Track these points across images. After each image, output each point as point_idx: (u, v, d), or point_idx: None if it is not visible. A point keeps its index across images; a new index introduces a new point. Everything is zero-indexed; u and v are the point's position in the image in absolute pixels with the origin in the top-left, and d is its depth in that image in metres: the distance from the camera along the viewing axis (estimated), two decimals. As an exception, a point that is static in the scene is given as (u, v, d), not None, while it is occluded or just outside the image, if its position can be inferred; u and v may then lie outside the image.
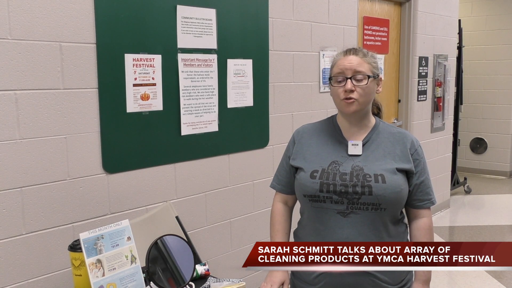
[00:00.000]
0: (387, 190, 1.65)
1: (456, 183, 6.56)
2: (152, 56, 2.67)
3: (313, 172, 1.73)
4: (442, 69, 5.46)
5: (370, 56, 1.75)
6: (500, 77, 7.39)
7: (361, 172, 1.69)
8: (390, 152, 1.73)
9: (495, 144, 7.56)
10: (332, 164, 1.73)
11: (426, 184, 1.77)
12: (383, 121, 1.85)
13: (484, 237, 4.99)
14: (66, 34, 2.34)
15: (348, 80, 1.69)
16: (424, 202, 1.77)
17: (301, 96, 3.65)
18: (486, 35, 7.45)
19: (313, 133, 1.86)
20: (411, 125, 5.07)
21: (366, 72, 1.70)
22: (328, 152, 1.76)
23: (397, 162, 1.71)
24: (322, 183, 1.70)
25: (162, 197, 2.80)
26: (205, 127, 2.98)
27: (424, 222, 1.78)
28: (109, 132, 2.52)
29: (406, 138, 1.77)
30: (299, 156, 1.82)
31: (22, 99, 2.21)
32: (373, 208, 1.67)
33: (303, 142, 1.84)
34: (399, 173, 1.69)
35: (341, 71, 1.71)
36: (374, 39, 4.58)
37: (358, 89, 1.69)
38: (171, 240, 1.77)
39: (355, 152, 1.74)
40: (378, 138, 1.76)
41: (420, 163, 1.76)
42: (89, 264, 1.84)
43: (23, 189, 2.24)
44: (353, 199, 1.67)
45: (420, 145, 1.80)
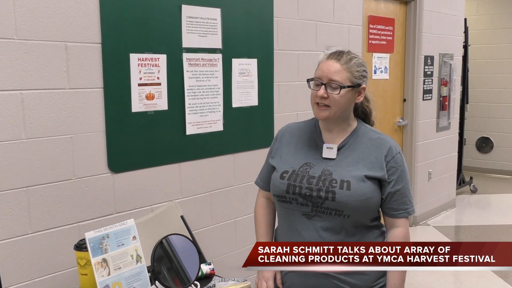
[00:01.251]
0: (350, 197, 1.63)
1: (462, 182, 6.53)
2: (157, 56, 2.67)
3: (283, 173, 1.74)
4: (447, 68, 5.44)
5: (353, 63, 1.69)
6: (506, 76, 7.35)
7: (329, 176, 1.68)
8: (364, 158, 1.70)
9: (501, 143, 7.52)
10: (303, 166, 1.73)
11: (402, 193, 1.71)
12: (366, 125, 1.80)
13: (490, 236, 4.97)
14: (71, 34, 2.34)
15: (322, 86, 1.67)
16: (398, 212, 1.72)
17: (306, 96, 3.63)
18: (492, 34, 7.41)
19: (294, 133, 1.85)
20: (416, 124, 5.06)
21: (342, 81, 1.66)
22: (304, 153, 1.76)
23: (369, 169, 1.68)
24: (290, 184, 1.71)
25: (167, 196, 2.80)
26: (210, 127, 2.98)
27: (398, 232, 1.73)
28: (114, 132, 2.53)
29: (384, 144, 1.72)
30: (277, 155, 1.83)
31: (28, 99, 2.22)
32: (336, 214, 1.66)
33: (283, 141, 1.85)
34: (368, 181, 1.66)
35: (318, 76, 1.69)
36: (380, 38, 4.57)
37: (331, 97, 1.66)
38: (176, 240, 1.77)
39: (329, 155, 1.72)
40: (355, 143, 1.74)
41: (396, 171, 1.70)
42: (94, 263, 1.84)
43: (29, 188, 2.25)
44: (317, 203, 1.67)
45: (400, 152, 1.74)
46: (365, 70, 1.74)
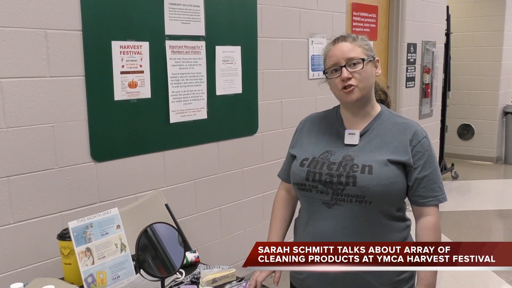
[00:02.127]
0: (372, 182, 1.57)
1: (444, 169, 6.62)
2: (140, 43, 2.64)
3: (303, 160, 1.71)
4: (430, 56, 5.47)
5: (360, 39, 1.68)
6: (488, 63, 7.43)
7: (350, 162, 1.63)
8: (387, 143, 1.64)
9: (482, 130, 7.63)
10: (324, 153, 1.69)
11: (431, 180, 1.63)
12: (390, 110, 1.76)
13: (471, 222, 5.06)
14: (51, 21, 2.30)
15: (343, 69, 1.62)
16: (428, 199, 1.64)
17: (290, 83, 3.65)
18: (473, 22, 7.47)
19: (315, 122, 1.82)
20: (399, 112, 5.09)
21: (360, 56, 1.63)
22: (325, 141, 1.73)
23: (393, 153, 1.61)
24: (309, 171, 1.66)
25: (151, 185, 2.79)
26: (194, 115, 2.97)
27: (428, 221, 1.64)
28: (97, 120, 2.50)
29: (409, 129, 1.66)
30: (297, 144, 1.81)
31: (7, 87, 2.18)
32: (357, 201, 1.60)
33: (304, 131, 1.82)
34: (391, 165, 1.59)
35: (334, 62, 1.64)
36: (363, 26, 4.57)
37: (356, 75, 1.62)
38: (160, 228, 1.77)
39: (351, 141, 1.68)
40: (379, 128, 1.68)
41: (423, 156, 1.63)
42: (78, 252, 1.83)
43: (10, 178, 2.22)
44: (337, 190, 1.62)
45: (426, 137, 1.67)
46: (370, 44, 1.72)
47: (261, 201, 3.51)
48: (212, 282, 1.86)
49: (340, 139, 1.70)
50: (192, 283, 1.92)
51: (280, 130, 3.58)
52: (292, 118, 3.53)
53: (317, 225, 1.67)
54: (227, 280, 1.89)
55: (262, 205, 3.51)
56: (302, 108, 3.69)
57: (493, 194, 6.27)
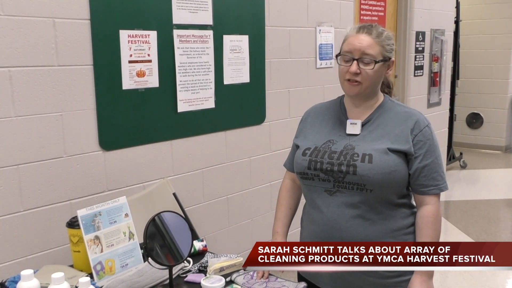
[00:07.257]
0: (372, 170, 1.58)
1: (452, 158, 6.59)
2: (148, 33, 2.64)
3: (305, 150, 1.73)
4: (439, 44, 5.43)
5: (384, 37, 1.65)
6: (497, 51, 7.36)
7: (351, 151, 1.65)
8: (389, 132, 1.65)
9: (491, 119, 7.58)
10: (326, 143, 1.71)
11: (432, 168, 1.64)
12: (393, 100, 1.77)
13: (480, 211, 5.04)
14: (59, 10, 2.30)
15: (354, 62, 1.61)
16: (428, 188, 1.66)
17: (297, 72, 3.63)
18: (483, 9, 7.39)
19: (319, 112, 1.83)
20: (407, 101, 5.06)
21: (375, 56, 1.62)
22: (327, 131, 1.75)
23: (393, 142, 1.63)
24: (311, 160, 1.68)
25: (159, 174, 2.81)
26: (202, 104, 2.97)
27: (427, 210, 1.66)
28: (105, 109, 2.51)
29: (411, 118, 1.67)
30: (301, 134, 1.83)
31: (16, 76, 2.19)
32: (358, 189, 1.62)
33: (308, 121, 1.83)
34: (391, 154, 1.61)
35: (349, 50, 1.63)
36: (371, 14, 4.54)
37: (364, 73, 1.61)
38: (168, 217, 1.78)
39: (353, 131, 1.69)
40: (381, 117, 1.69)
41: (424, 145, 1.64)
42: (87, 240, 1.85)
43: (19, 166, 2.24)
44: (338, 178, 1.64)
45: (428, 126, 1.67)
46: (393, 43, 1.71)
47: (269, 190, 3.52)
48: (220, 271, 1.87)
49: (342, 129, 1.72)
50: (199, 272, 1.93)
51: (288, 119, 3.58)
52: (299, 107, 3.53)
53: (320, 213, 1.69)
54: (235, 268, 1.90)
55: (269, 194, 3.52)
56: (310, 97, 3.68)
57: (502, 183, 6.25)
